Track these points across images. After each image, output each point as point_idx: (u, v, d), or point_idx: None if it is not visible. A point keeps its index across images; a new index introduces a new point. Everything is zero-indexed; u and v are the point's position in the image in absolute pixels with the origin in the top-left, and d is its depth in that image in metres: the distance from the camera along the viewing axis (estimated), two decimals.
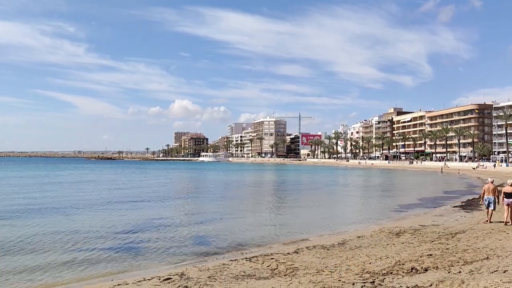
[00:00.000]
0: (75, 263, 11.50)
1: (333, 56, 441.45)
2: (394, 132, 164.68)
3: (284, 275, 8.90)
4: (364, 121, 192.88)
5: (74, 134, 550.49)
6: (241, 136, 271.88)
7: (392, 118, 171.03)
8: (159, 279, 8.99)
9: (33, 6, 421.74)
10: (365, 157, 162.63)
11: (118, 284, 8.85)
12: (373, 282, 7.97)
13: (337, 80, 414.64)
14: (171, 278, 8.97)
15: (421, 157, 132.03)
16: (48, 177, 59.60)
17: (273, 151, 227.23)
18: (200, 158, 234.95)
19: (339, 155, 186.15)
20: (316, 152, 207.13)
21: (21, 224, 17.83)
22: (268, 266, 9.92)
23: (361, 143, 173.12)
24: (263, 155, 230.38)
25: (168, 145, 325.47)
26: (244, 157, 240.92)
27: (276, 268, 9.61)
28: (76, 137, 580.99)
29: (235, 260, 10.95)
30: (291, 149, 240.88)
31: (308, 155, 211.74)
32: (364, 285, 7.75)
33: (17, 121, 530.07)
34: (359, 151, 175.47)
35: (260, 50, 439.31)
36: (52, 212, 21.78)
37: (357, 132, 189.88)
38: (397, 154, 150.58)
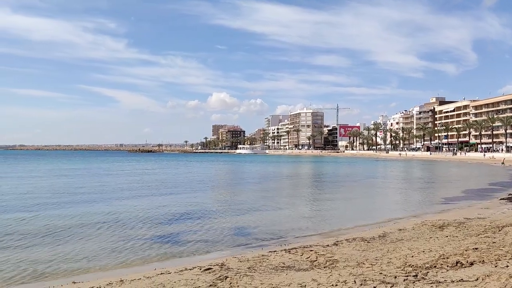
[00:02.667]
0: (119, 251, 11.91)
1: (371, 44, 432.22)
2: (436, 122, 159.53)
3: (324, 267, 8.86)
4: (404, 112, 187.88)
5: (116, 127, 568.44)
6: (277, 128, 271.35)
7: (434, 108, 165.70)
8: (200, 268, 9.16)
9: (75, 3, 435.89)
10: (405, 149, 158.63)
11: (161, 273, 9.09)
12: (416, 275, 7.80)
13: (376, 70, 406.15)
14: (212, 268, 9.12)
15: (465, 148, 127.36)
16: (100, 169, 62.06)
17: (310, 143, 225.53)
18: (237, 151, 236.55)
19: (378, 146, 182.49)
20: (354, 143, 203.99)
21: (70, 213, 18.59)
22: (307, 257, 9.90)
23: (401, 134, 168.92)
24: (300, 147, 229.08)
25: (206, 138, 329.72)
26: (280, 149, 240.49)
27: (316, 260, 9.58)
28: (118, 130, 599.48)
29: (274, 251, 11.00)
30: (328, 141, 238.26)
31: (346, 147, 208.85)
32: (407, 279, 7.59)
33: (63, 116, 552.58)
34: (399, 142, 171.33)
35: (296, 40, 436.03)
36: (99, 202, 22.59)
37: (397, 123, 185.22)
38: (439, 145, 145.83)
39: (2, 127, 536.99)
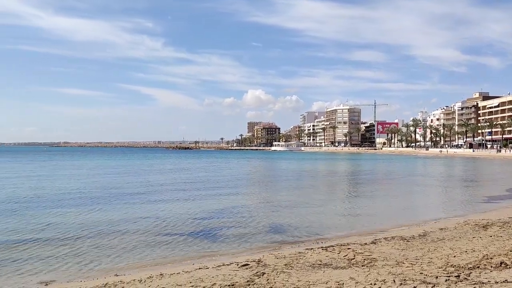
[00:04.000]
0: (159, 246, 12.21)
1: (410, 39, 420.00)
2: (479, 118, 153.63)
3: (362, 266, 8.76)
4: (445, 107, 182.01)
5: (154, 125, 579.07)
6: (313, 125, 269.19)
7: (477, 103, 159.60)
8: (237, 264, 9.26)
9: (113, 4, 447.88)
10: (446, 146, 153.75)
11: (199, 268, 9.26)
12: (458, 276, 7.58)
13: (416, 65, 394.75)
14: (249, 264, 9.20)
15: (510, 145, 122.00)
16: (143, 165, 63.74)
17: (347, 140, 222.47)
18: (273, 148, 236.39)
19: (417, 143, 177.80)
20: (392, 140, 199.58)
21: (113, 208, 19.21)
22: (345, 256, 9.82)
23: (442, 131, 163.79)
24: (336, 144, 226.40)
25: (241, 135, 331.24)
26: (316, 146, 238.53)
27: (353, 258, 9.48)
28: (156, 128, 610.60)
29: (311, 249, 10.97)
30: (365, 138, 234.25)
31: (384, 144, 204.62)
32: (449, 279, 7.39)
33: (104, 114, 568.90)
34: (440, 139, 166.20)
35: (332, 36, 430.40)
36: (140, 198, 23.19)
37: (438, 119, 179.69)
38: (483, 142, 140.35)
39: (48, 125, 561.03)
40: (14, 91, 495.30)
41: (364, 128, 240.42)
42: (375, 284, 7.25)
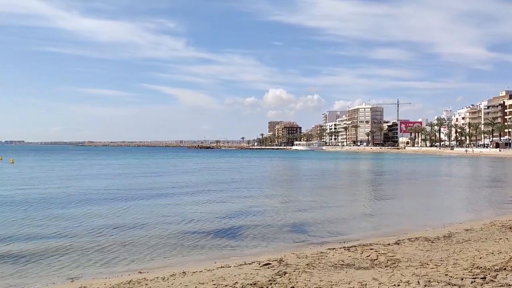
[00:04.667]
0: (182, 244, 12.35)
1: (435, 36, 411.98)
2: (506, 117, 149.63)
3: (385, 266, 8.66)
4: (471, 106, 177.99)
5: (176, 124, 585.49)
6: (335, 124, 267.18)
7: (504, 102, 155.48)
8: (259, 263, 9.28)
9: (137, 5, 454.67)
10: (472, 145, 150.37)
11: (221, 267, 9.33)
12: (484, 278, 7.42)
13: (440, 63, 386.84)
14: (271, 264, 9.22)
15: None
16: (167, 165, 64.61)
17: (369, 139, 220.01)
18: (294, 147, 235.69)
19: (442, 143, 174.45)
20: (416, 140, 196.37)
21: (137, 206, 19.50)
22: (367, 256, 9.73)
23: (467, 130, 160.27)
24: (358, 143, 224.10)
25: (262, 134, 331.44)
26: (338, 145, 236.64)
27: (376, 259, 9.38)
28: (178, 127, 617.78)
29: (333, 248, 10.90)
30: (388, 137, 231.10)
31: (407, 143, 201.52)
32: (474, 281, 7.25)
33: (127, 113, 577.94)
34: (465, 138, 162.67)
35: (355, 34, 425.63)
36: (164, 197, 23.49)
37: (463, 118, 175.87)
38: (509, 141, 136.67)
39: (73, 124, 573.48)
40: (41, 91, 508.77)
41: (386, 127, 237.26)
42: (398, 285, 7.17)
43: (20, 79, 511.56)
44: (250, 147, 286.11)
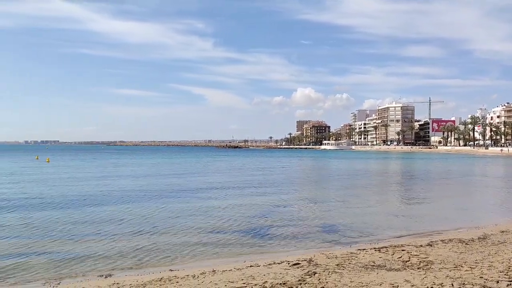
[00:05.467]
0: (211, 243, 12.44)
1: (468, 33, 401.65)
2: None
3: (418, 268, 8.49)
4: (506, 104, 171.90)
5: (204, 124, 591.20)
6: (364, 123, 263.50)
7: None
8: (288, 263, 9.26)
9: (167, 6, 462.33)
10: (507, 144, 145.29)
11: (251, 266, 9.35)
12: None
13: (474, 59, 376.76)
14: (300, 264, 9.18)
15: None
16: (198, 164, 65.39)
17: (400, 138, 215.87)
18: (322, 146, 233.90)
19: (476, 142, 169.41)
20: (448, 139, 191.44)
21: (167, 205, 19.80)
22: (399, 257, 9.55)
23: (503, 129, 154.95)
24: (389, 143, 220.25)
25: (290, 134, 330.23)
26: (367, 145, 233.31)
27: (408, 260, 9.21)
28: (207, 127, 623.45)
29: (364, 249, 10.76)
30: (419, 136, 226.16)
31: (440, 142, 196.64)
32: (511, 283, 7.02)
33: (156, 113, 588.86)
34: (500, 137, 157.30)
35: (384, 32, 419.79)
36: (193, 196, 23.72)
37: (498, 116, 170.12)
38: None
39: (105, 125, 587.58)
40: (75, 92, 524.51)
41: (418, 126, 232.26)
42: (431, 287, 7.01)
43: (55, 81, 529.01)
44: (278, 146, 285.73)
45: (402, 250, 10.32)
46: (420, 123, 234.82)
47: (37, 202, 20.60)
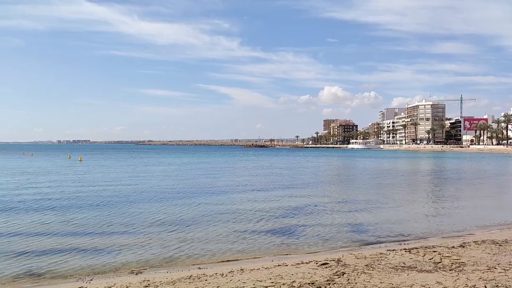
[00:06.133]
0: (239, 241, 12.51)
1: (501, 28, 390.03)
2: None
3: (450, 270, 8.31)
4: None
5: (230, 123, 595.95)
6: (393, 122, 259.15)
7: None
8: (316, 263, 9.23)
9: (194, 7, 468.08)
10: None
11: (278, 265, 9.36)
12: None
13: (506, 56, 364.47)
14: (328, 263, 9.13)
15: None
16: (226, 163, 65.88)
17: (430, 137, 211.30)
18: (350, 146, 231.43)
19: (510, 141, 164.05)
20: (481, 138, 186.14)
21: (194, 203, 20.01)
22: (430, 259, 9.37)
23: None
24: (418, 141, 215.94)
25: (317, 133, 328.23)
26: (396, 144, 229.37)
27: (440, 262, 9.02)
28: (233, 126, 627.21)
29: (393, 250, 10.61)
30: (450, 135, 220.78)
31: (472, 141, 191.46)
32: None
33: (184, 113, 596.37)
34: None
35: (413, 28, 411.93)
36: (220, 194, 23.92)
37: None
38: None
39: (134, 124, 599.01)
40: (105, 93, 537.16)
41: (449, 124, 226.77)
42: None
43: (87, 82, 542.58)
44: (305, 145, 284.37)
45: (434, 251, 10.12)
46: (451, 121, 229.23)
47: (72, 200, 21.13)
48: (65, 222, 15.35)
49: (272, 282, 7.79)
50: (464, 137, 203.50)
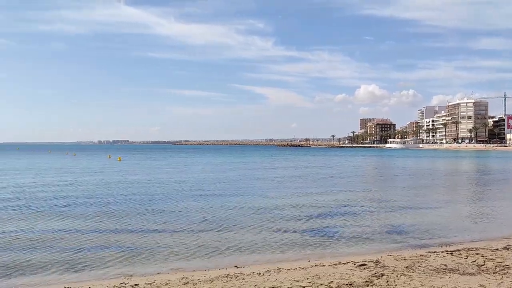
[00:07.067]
0: (275, 241, 12.51)
1: None
2: None
3: (493, 273, 8.02)
4: None
5: (265, 123, 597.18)
6: (432, 121, 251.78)
7: None
8: (354, 264, 9.12)
9: (228, 8, 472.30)
10: None
11: (315, 265, 9.32)
12: None
13: None
14: (366, 265, 9.00)
15: None
16: (263, 163, 66.10)
17: (472, 136, 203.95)
18: (387, 145, 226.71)
19: None
20: None
21: (230, 203, 20.17)
22: (473, 261, 9.08)
23: None
24: (459, 141, 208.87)
25: (353, 132, 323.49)
26: (436, 143, 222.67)
27: (483, 265, 8.72)
28: (267, 126, 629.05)
29: (434, 252, 10.33)
30: (494, 134, 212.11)
31: None
32: None
33: (219, 113, 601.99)
34: None
35: (453, 24, 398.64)
36: (256, 194, 23.97)
37: None
38: None
39: (171, 124, 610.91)
40: (142, 94, 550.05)
41: (492, 123, 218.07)
42: None
43: (125, 84, 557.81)
44: (341, 145, 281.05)
45: (477, 254, 9.79)
46: (494, 119, 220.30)
47: (115, 198, 21.74)
48: (108, 219, 15.86)
49: (310, 282, 7.76)
50: (508, 136, 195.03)
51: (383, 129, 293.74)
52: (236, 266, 9.80)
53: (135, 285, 8.20)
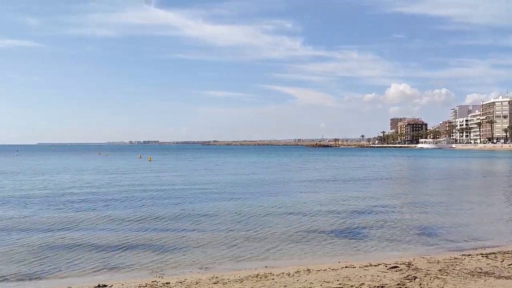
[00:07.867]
0: (304, 241, 12.47)
1: None
2: None
3: None
4: None
5: (293, 123, 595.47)
6: (466, 120, 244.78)
7: None
8: (386, 266, 9.00)
9: (255, 8, 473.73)
10: None
11: (346, 266, 9.25)
12: None
13: None
14: (398, 267, 8.87)
15: None
16: (293, 163, 66.17)
17: (507, 136, 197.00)
18: (419, 145, 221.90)
19: None
20: None
21: (258, 203, 20.24)
22: (509, 264, 8.81)
23: None
24: (495, 141, 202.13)
25: (383, 132, 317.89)
26: (470, 143, 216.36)
27: None
28: (296, 126, 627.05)
29: (469, 255, 10.08)
30: None
31: None
32: None
33: (247, 114, 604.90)
34: None
35: (486, 21, 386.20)
36: (284, 194, 23.98)
37: None
38: None
39: (200, 125, 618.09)
40: (173, 95, 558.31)
41: None
42: None
43: (156, 85, 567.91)
44: (371, 145, 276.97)
45: None
46: None
47: (148, 200, 21.95)
48: (139, 218, 16.18)
49: (340, 284, 7.72)
50: None
51: (414, 129, 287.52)
52: (265, 266, 9.83)
53: (166, 283, 8.34)
